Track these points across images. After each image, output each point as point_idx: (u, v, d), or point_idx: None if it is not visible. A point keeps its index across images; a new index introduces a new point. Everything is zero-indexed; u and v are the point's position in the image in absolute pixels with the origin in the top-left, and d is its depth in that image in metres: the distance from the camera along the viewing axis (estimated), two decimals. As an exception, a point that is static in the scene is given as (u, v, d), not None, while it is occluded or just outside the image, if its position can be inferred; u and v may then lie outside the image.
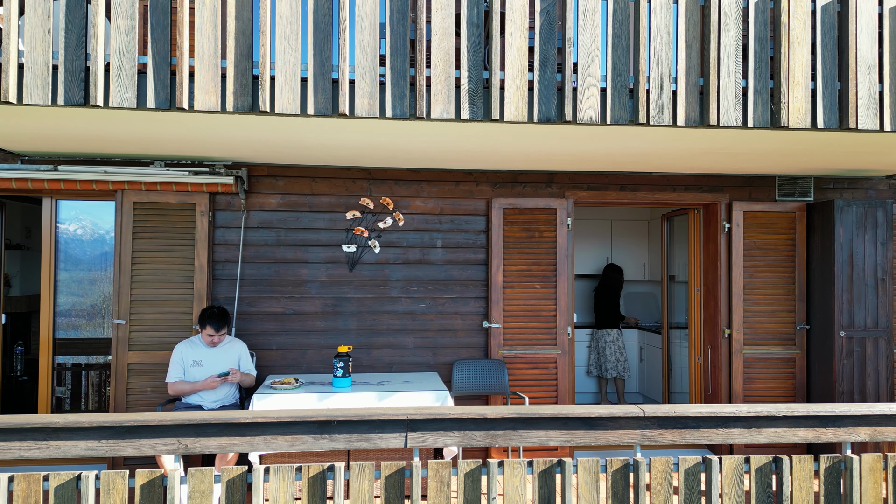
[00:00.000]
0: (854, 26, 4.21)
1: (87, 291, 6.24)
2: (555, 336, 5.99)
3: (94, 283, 6.25)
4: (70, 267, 6.18)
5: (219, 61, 3.78)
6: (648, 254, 9.30)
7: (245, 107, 3.77)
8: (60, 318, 6.14)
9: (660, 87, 4.08)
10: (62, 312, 6.16)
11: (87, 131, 4.48)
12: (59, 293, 6.11)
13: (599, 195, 6.21)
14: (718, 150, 5.00)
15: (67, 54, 3.66)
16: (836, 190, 6.45)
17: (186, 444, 3.04)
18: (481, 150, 5.07)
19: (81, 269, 6.23)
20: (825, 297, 5.98)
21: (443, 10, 3.93)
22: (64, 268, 6.14)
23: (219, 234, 5.79)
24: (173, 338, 5.49)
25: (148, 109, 3.72)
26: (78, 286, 6.22)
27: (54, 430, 2.99)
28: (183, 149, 5.13)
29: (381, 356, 5.96)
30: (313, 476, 2.99)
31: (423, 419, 3.15)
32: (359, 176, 5.94)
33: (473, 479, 3.06)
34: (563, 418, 3.20)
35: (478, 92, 3.95)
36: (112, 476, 2.91)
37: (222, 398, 5.15)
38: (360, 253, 5.94)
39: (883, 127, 4.21)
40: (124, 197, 5.51)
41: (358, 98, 3.87)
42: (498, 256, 5.96)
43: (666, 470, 3.15)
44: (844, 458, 3.22)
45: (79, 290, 6.22)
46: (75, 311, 6.23)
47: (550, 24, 4.01)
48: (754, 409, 3.25)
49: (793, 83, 4.16)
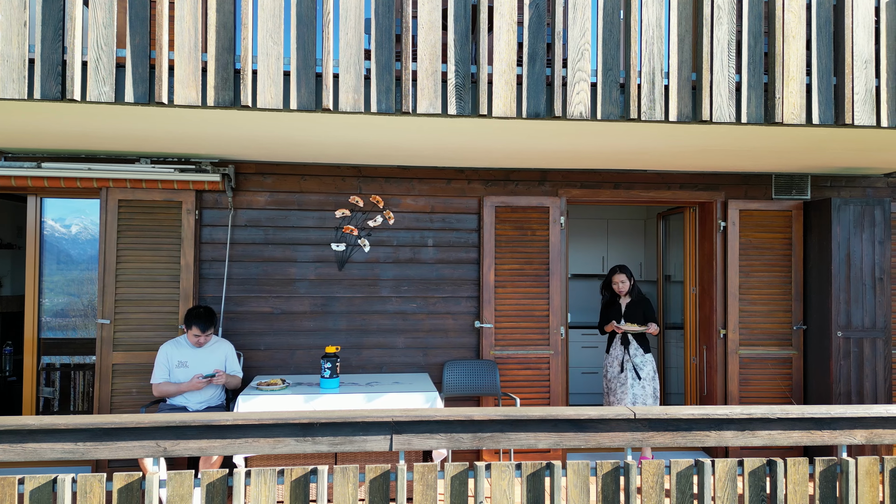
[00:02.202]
0: (850, 20, 4.14)
1: (78, 290, 6.15)
2: (547, 336, 5.91)
3: (83, 283, 6.16)
4: (59, 266, 6.09)
5: (199, 55, 3.70)
6: (644, 253, 9.23)
7: (226, 101, 3.69)
8: (49, 317, 6.05)
9: (651, 82, 4.01)
10: (51, 312, 6.07)
11: (69, 127, 4.41)
12: (48, 292, 6.02)
13: (593, 193, 6.13)
14: (713, 148, 4.93)
15: (44, 48, 3.58)
16: (833, 188, 6.38)
17: (165, 447, 2.97)
18: (472, 148, 4.99)
19: (71, 268, 6.15)
20: (822, 297, 5.91)
21: (429, 3, 3.85)
22: (53, 267, 6.05)
23: (206, 232, 5.70)
24: (159, 338, 5.41)
25: (126, 104, 3.64)
26: (68, 285, 6.13)
27: (30, 433, 2.92)
28: (169, 146, 5.05)
29: (370, 356, 5.88)
30: (296, 479, 2.92)
31: (408, 421, 3.08)
32: (348, 174, 5.87)
33: (460, 482, 2.99)
34: (553, 420, 3.13)
35: (465, 86, 3.88)
36: (89, 479, 2.84)
37: (208, 399, 5.07)
38: (349, 252, 5.86)
39: (879, 123, 4.14)
40: (109, 195, 5.43)
41: (342, 92, 3.79)
42: (490, 255, 5.88)
43: (657, 473, 3.07)
44: (840, 460, 3.16)
45: (68, 290, 6.13)
46: (64, 310, 6.14)
47: (539, 17, 3.93)
48: (748, 411, 3.18)
49: (787, 78, 4.09)
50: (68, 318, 6.17)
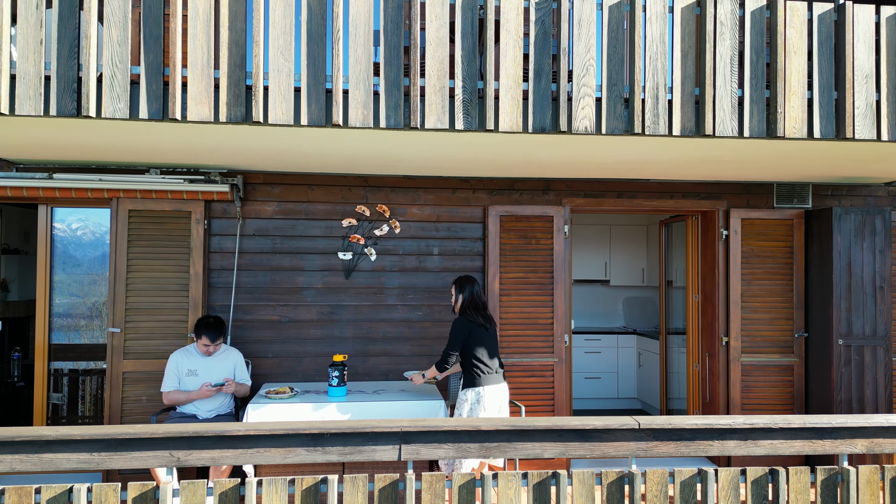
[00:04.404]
0: (851, 35, 4.20)
1: (87, 292, 6.20)
2: (552, 344, 5.97)
3: (93, 285, 6.21)
4: (68, 269, 6.14)
5: (212, 71, 3.76)
6: (647, 259, 9.29)
7: (238, 117, 3.76)
8: (59, 319, 6.10)
9: (655, 97, 4.07)
10: (60, 315, 6.13)
11: (82, 141, 4.47)
12: (57, 297, 6.08)
13: (596, 202, 6.19)
14: (715, 158, 4.99)
15: (60, 65, 3.65)
16: (834, 197, 6.44)
17: (179, 457, 3.03)
18: (477, 159, 5.05)
19: (80, 272, 6.19)
20: (823, 305, 5.97)
21: (437, 20, 3.92)
22: (62, 270, 6.11)
23: (214, 241, 5.77)
24: (168, 346, 5.47)
25: (140, 120, 3.71)
26: (78, 287, 6.17)
27: (46, 443, 2.98)
28: (178, 157, 5.12)
29: (377, 364, 5.94)
30: (306, 489, 2.98)
31: (416, 431, 3.14)
32: (355, 183, 5.93)
33: (468, 491, 3.05)
34: (559, 430, 3.19)
35: (472, 102, 3.94)
36: (104, 489, 2.90)
37: (217, 407, 5.13)
38: (356, 260, 5.93)
39: (880, 136, 4.20)
40: (119, 205, 5.50)
41: (352, 108, 3.86)
42: (495, 264, 5.94)
43: (661, 482, 3.13)
44: (841, 469, 3.21)
45: (78, 291, 6.18)
46: (74, 314, 6.19)
47: (545, 33, 4.00)
48: (750, 421, 3.24)
49: (789, 93, 4.15)
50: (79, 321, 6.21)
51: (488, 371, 4.72)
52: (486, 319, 4.83)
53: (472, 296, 4.86)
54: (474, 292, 4.87)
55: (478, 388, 4.70)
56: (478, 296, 4.87)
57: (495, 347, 4.85)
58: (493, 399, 4.71)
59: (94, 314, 6.26)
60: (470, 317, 4.80)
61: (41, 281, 5.94)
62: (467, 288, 4.87)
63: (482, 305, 4.88)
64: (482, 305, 4.88)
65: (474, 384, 4.72)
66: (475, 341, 4.75)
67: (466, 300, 4.86)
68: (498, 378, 4.77)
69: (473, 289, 4.88)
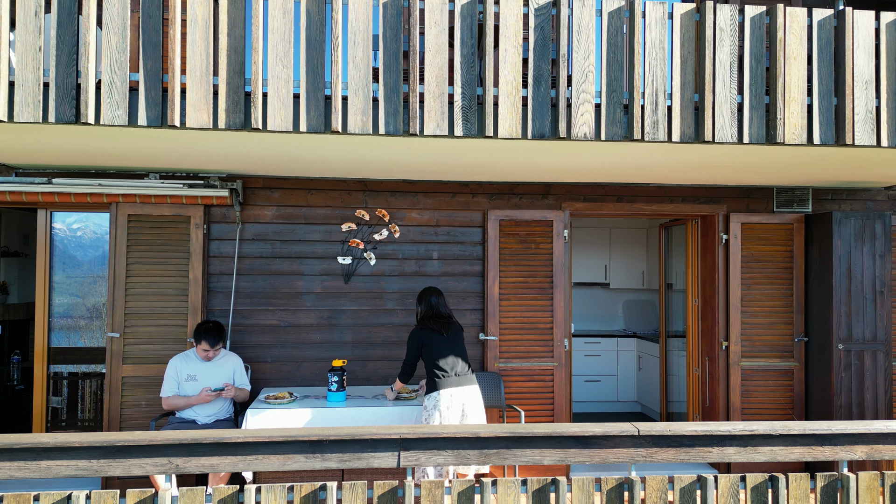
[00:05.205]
0: (850, 41, 4.19)
1: (87, 292, 6.20)
2: (551, 348, 5.96)
3: (93, 285, 6.21)
4: (68, 269, 6.14)
5: (211, 78, 3.76)
6: (647, 262, 9.29)
7: (237, 124, 3.76)
8: (59, 320, 6.10)
9: (654, 103, 4.07)
10: (60, 316, 6.13)
11: (81, 146, 4.47)
12: (57, 297, 6.08)
13: (596, 207, 6.19)
14: (714, 163, 4.98)
15: (58, 71, 3.64)
16: (834, 201, 6.44)
17: (177, 464, 3.03)
18: (476, 164, 5.05)
19: (80, 272, 6.19)
20: (823, 310, 5.96)
21: (436, 26, 3.91)
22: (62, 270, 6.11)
23: (214, 246, 5.77)
24: (168, 351, 5.48)
25: (139, 127, 3.71)
26: (78, 287, 6.17)
27: (44, 450, 2.98)
28: (178, 162, 5.11)
29: (376, 369, 5.93)
30: (305, 495, 2.98)
31: (415, 438, 3.14)
32: (354, 188, 5.93)
33: (467, 498, 3.05)
34: (558, 437, 3.19)
35: (471, 108, 3.94)
36: (103, 496, 2.90)
37: (216, 412, 5.13)
38: (355, 265, 5.92)
39: (880, 142, 4.20)
40: (119, 209, 5.50)
41: (351, 115, 3.85)
42: (494, 268, 5.94)
43: (661, 488, 3.13)
44: (841, 476, 3.21)
45: (78, 292, 6.17)
46: (74, 314, 6.19)
47: (545, 39, 3.99)
48: (750, 428, 3.24)
49: (789, 99, 4.15)
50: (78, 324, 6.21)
51: (444, 375, 4.82)
52: (442, 326, 4.95)
53: (429, 306, 5.04)
54: (431, 303, 5.05)
55: (434, 393, 4.81)
56: (435, 306, 5.05)
57: (457, 351, 4.94)
58: (451, 400, 4.79)
59: (94, 315, 6.26)
60: (423, 325, 4.97)
61: (41, 285, 5.95)
62: (424, 300, 5.07)
63: (440, 315, 5.03)
64: (440, 315, 5.03)
65: (434, 388, 4.83)
66: (431, 349, 4.89)
67: (423, 311, 5.06)
68: (458, 381, 4.85)
69: (430, 300, 5.06)
